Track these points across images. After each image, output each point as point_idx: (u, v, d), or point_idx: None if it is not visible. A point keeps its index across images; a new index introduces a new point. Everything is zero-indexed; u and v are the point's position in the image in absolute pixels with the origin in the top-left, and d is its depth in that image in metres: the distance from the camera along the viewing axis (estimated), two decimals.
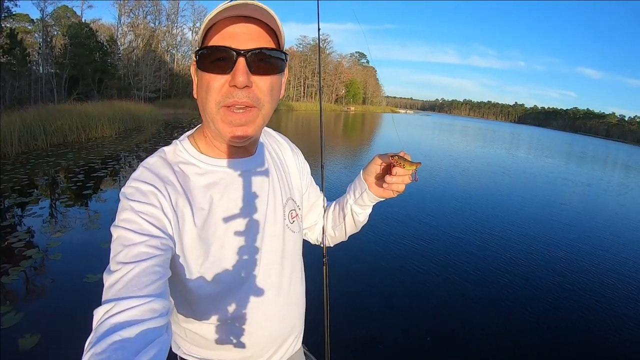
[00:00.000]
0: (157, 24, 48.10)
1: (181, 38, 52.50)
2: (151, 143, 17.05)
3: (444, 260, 6.60)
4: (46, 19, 33.47)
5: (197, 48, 0.97)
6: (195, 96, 1.04)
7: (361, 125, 48.64)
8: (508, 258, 6.99)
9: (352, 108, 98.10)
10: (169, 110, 34.32)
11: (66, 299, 4.49)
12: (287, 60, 1.02)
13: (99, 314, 0.74)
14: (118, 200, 0.93)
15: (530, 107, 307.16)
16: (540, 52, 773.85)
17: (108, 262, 0.84)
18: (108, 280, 0.80)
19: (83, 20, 37.25)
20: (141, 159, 0.95)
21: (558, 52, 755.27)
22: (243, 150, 1.11)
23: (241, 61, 0.91)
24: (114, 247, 0.86)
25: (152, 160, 1.02)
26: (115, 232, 0.88)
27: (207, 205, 1.02)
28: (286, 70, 1.05)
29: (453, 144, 33.29)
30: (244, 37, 0.92)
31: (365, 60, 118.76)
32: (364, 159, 17.46)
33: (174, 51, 51.14)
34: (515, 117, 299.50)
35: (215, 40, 0.93)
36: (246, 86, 0.92)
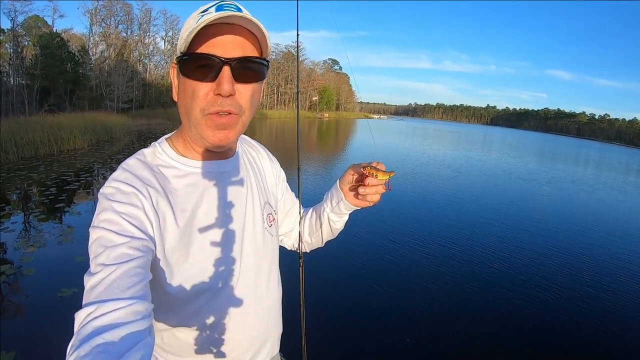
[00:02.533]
0: (129, 33, 47.61)
1: (153, 47, 52.04)
2: (124, 154, 16.71)
3: (421, 262, 6.75)
4: (17, 29, 32.77)
5: (180, 53, 0.96)
6: (175, 99, 1.03)
7: (335, 132, 48.62)
8: (487, 258, 7.17)
9: (326, 115, 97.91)
10: (142, 121, 33.94)
11: (41, 314, 4.44)
12: (268, 68, 1.02)
13: (80, 316, 0.73)
14: (92, 213, 0.94)
15: (502, 109, 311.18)
16: (511, 55, 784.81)
17: (84, 272, 0.82)
18: (89, 282, 0.79)
19: (54, 30, 36.58)
20: (114, 171, 1.00)
21: (528, 56, 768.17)
22: (221, 154, 1.11)
23: (226, 70, 0.91)
24: (94, 249, 0.84)
25: (131, 162, 1.02)
26: (94, 233, 0.87)
27: (188, 207, 1.02)
28: (266, 79, 1.06)
29: (427, 148, 33.35)
30: (229, 45, 0.92)
31: (338, 67, 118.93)
32: (338, 165, 17.53)
33: (146, 61, 50.57)
34: (488, 119, 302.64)
35: (201, 48, 0.92)
36: (230, 94, 0.93)
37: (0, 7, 29.71)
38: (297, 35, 1.72)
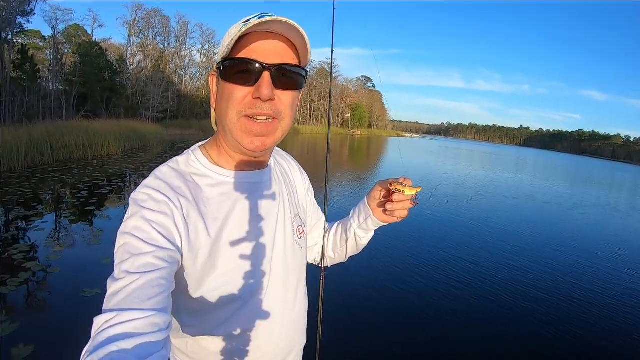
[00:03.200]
0: (166, 45, 48.87)
1: (189, 60, 53.22)
2: (156, 162, 16.63)
3: (443, 279, 6.53)
4: (57, 36, 34.23)
5: (221, 59, 0.97)
6: (213, 106, 1.05)
7: (367, 150, 48.47)
8: (507, 277, 6.92)
9: (358, 132, 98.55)
10: (175, 131, 34.69)
11: (62, 311, 4.48)
12: (306, 78, 1.03)
13: (98, 322, 0.73)
14: (121, 218, 0.90)
15: (536, 130, 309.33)
16: (544, 76, 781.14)
17: (109, 274, 0.82)
18: (111, 287, 0.79)
19: (93, 39, 37.91)
20: (146, 177, 0.97)
21: (561, 76, 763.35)
22: (256, 163, 1.10)
23: (266, 75, 0.92)
24: (120, 254, 0.84)
25: (164, 170, 1.01)
26: (122, 238, 0.87)
27: (220, 216, 1.01)
28: (303, 90, 1.06)
29: (458, 169, 33.00)
30: (269, 52, 0.93)
31: (371, 84, 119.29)
32: (366, 183, 17.39)
33: (182, 72, 51.74)
34: (521, 140, 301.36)
35: (242, 53, 0.93)
36: (269, 99, 0.93)
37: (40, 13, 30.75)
38: (332, 50, 1.69)
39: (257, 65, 0.92)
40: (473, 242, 9.21)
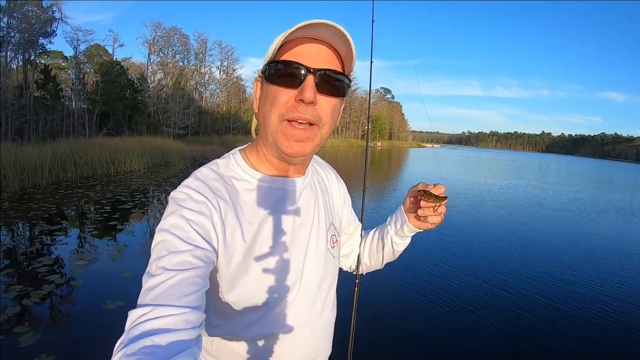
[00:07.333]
0: (185, 62, 49.44)
1: (209, 76, 53.78)
2: (178, 178, 16.92)
3: (484, 291, 6.33)
4: (79, 56, 35.07)
5: (267, 62, 0.99)
6: (255, 110, 1.07)
7: (388, 161, 48.27)
8: (543, 295, 6.65)
9: (379, 144, 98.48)
10: (197, 147, 34.96)
11: (84, 323, 4.50)
12: (349, 87, 1.04)
13: (133, 316, 0.75)
14: (144, 233, 0.84)
15: (558, 136, 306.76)
16: (562, 79, 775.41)
17: (130, 287, 0.80)
18: (147, 282, 0.81)
19: (114, 59, 38.69)
20: (168, 194, 0.98)
21: (579, 78, 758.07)
22: (294, 170, 1.11)
23: (310, 78, 0.93)
24: (157, 250, 0.86)
25: (205, 171, 1.04)
26: (160, 235, 0.88)
27: (255, 221, 1.02)
28: (346, 97, 1.06)
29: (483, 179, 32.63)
30: (314, 57, 0.95)
31: (390, 96, 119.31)
32: (392, 193, 17.28)
33: (202, 89, 52.30)
34: (543, 147, 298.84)
35: (287, 57, 0.95)
36: (311, 102, 0.93)
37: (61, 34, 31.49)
38: (371, 62, 1.71)
39: (302, 68, 0.93)
40: (522, 253, 8.87)
